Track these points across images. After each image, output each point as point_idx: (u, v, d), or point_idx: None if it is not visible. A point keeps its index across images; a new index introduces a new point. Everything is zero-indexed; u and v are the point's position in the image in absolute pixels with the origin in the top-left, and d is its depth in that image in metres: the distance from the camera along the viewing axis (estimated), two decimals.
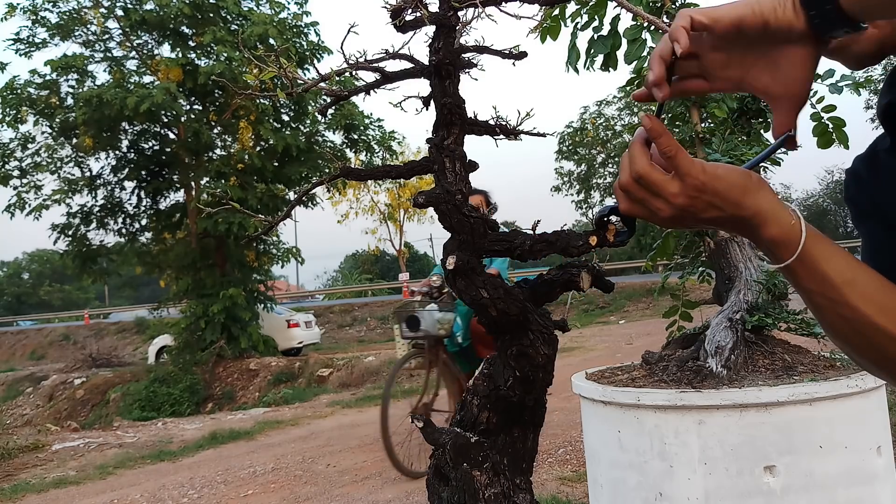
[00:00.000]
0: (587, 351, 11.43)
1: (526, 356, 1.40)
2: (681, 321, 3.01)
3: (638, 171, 0.73)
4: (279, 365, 14.78)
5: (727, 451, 2.11)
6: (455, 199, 1.37)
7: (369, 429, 7.61)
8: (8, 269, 55.51)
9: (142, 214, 16.52)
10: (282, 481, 5.65)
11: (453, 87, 1.47)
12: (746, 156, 2.69)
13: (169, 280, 16.43)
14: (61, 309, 44.60)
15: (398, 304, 4.79)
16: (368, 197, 33.93)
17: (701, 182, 0.70)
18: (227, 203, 1.68)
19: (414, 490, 4.84)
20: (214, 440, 7.84)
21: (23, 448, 7.85)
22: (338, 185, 18.23)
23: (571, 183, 31.94)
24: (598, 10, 2.74)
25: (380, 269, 44.01)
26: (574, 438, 5.61)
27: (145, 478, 6.38)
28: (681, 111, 2.95)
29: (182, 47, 15.07)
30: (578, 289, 1.41)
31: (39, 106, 14.52)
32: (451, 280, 1.38)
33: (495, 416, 1.47)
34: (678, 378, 2.44)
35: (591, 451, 2.58)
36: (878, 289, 0.65)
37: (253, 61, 1.46)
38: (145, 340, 21.16)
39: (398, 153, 17.25)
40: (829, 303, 0.66)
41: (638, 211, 0.77)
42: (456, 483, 1.42)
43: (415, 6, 1.43)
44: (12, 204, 15.25)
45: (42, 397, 16.15)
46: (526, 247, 1.35)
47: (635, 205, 0.76)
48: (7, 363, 27.66)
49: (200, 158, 15.57)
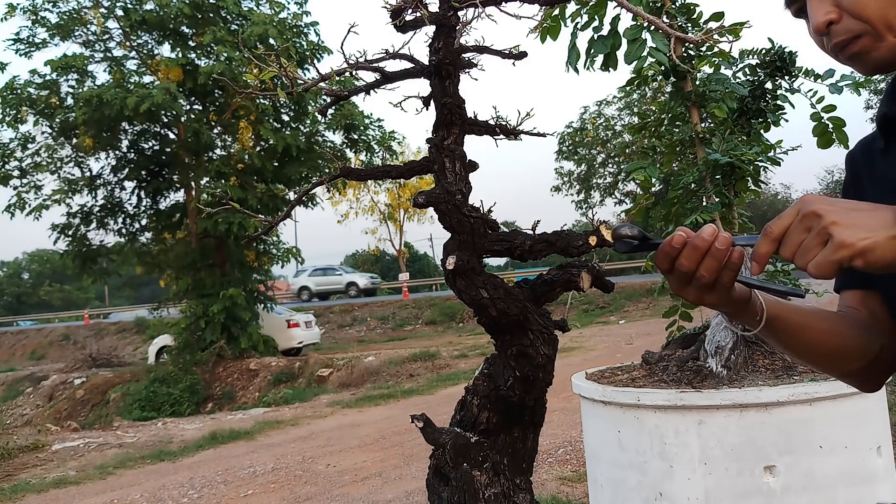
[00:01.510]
0: (587, 351, 11.43)
1: (526, 356, 1.40)
2: (681, 321, 3.01)
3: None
4: (279, 365, 14.79)
5: (727, 451, 2.11)
6: (455, 199, 1.37)
7: (369, 429, 7.61)
8: (8, 269, 55.48)
9: (142, 214, 16.52)
10: (282, 481, 5.65)
11: (453, 87, 1.47)
12: (746, 155, 2.69)
13: (169, 280, 16.43)
14: (61, 309, 44.56)
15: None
16: (368, 197, 33.97)
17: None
18: (227, 203, 1.68)
19: (414, 490, 4.84)
20: (214, 440, 7.84)
21: (23, 448, 7.85)
22: (338, 185, 18.22)
23: (571, 183, 31.92)
24: (598, 10, 2.74)
25: (380, 269, 43.98)
26: (574, 438, 5.61)
27: (145, 478, 6.38)
28: (681, 111, 2.95)
29: (182, 47, 15.07)
30: (578, 289, 1.41)
31: (39, 106, 14.51)
32: (451, 280, 1.38)
33: (495, 416, 1.47)
34: (678, 378, 2.44)
35: (591, 451, 2.58)
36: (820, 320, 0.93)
37: (253, 61, 1.46)
38: (145, 340, 21.14)
39: (398, 153, 17.24)
40: (788, 343, 0.94)
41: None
42: (456, 483, 1.42)
43: (415, 6, 1.43)
44: (12, 204, 15.24)
45: (42, 397, 16.15)
46: (526, 247, 1.35)
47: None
48: (7, 363, 27.64)
49: (200, 158, 15.57)
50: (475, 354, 13.18)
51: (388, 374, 12.77)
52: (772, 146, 2.91)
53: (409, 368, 12.81)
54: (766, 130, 2.96)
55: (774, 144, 2.92)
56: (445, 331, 20.76)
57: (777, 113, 2.91)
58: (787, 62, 2.84)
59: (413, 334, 20.98)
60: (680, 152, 3.01)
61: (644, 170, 2.78)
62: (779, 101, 2.89)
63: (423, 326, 22.14)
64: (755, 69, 2.92)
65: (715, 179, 2.81)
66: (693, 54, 2.86)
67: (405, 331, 21.87)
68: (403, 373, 12.63)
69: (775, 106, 2.90)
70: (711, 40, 1.40)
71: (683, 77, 2.84)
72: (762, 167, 2.84)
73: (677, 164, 3.07)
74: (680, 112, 2.96)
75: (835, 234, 0.67)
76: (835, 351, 0.93)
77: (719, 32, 1.38)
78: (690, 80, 2.83)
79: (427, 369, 12.50)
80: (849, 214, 0.68)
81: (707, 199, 2.77)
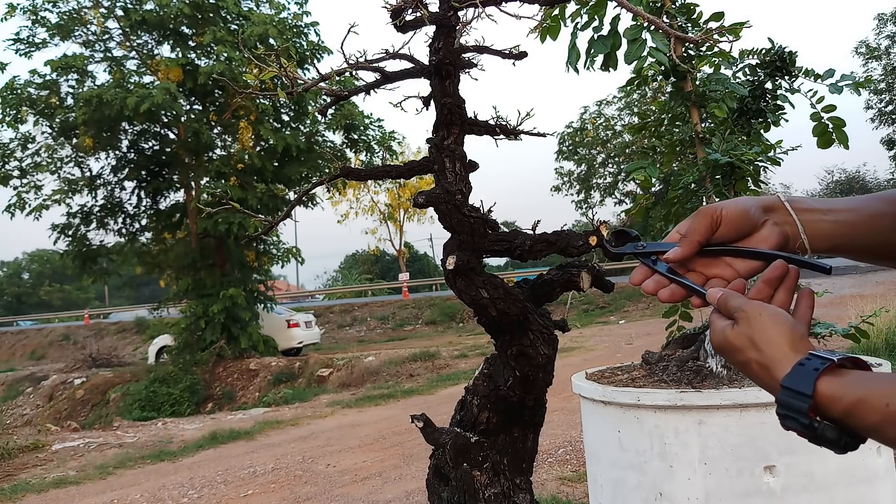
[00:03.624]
0: (587, 351, 11.43)
1: (526, 356, 1.40)
2: (681, 321, 3.01)
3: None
4: (279, 365, 14.79)
5: (727, 450, 2.11)
6: (455, 199, 1.37)
7: (369, 429, 7.61)
8: (8, 269, 55.48)
9: (142, 214, 16.53)
10: (282, 481, 5.65)
11: (453, 87, 1.47)
12: (746, 155, 2.69)
13: (169, 280, 16.44)
14: (61, 309, 44.56)
15: None
16: (368, 197, 33.98)
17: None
18: (227, 203, 1.68)
19: (414, 490, 4.84)
20: (214, 440, 7.84)
21: (23, 448, 7.85)
22: (338, 185, 18.23)
23: (571, 183, 31.92)
24: (598, 10, 2.74)
25: (380, 269, 43.99)
26: (574, 438, 5.61)
27: (145, 478, 6.38)
28: (681, 111, 2.95)
29: (182, 47, 15.07)
30: (578, 289, 1.41)
31: (39, 106, 14.52)
32: (451, 280, 1.38)
33: (495, 416, 1.47)
34: (678, 378, 2.44)
35: (591, 451, 2.58)
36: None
37: (253, 61, 1.46)
38: (145, 340, 21.15)
39: (398, 153, 17.25)
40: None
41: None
42: (456, 483, 1.43)
43: (415, 6, 1.43)
44: (12, 204, 15.25)
45: (42, 397, 16.15)
46: (526, 247, 1.35)
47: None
48: (7, 363, 27.65)
49: (200, 158, 15.58)
50: (475, 354, 13.19)
51: (388, 374, 12.78)
52: (772, 146, 2.91)
53: (409, 368, 12.82)
54: (766, 130, 2.95)
55: (774, 144, 2.92)
56: (445, 331, 20.77)
57: (777, 113, 2.91)
58: (787, 62, 2.84)
59: (413, 334, 20.99)
60: (680, 152, 3.01)
61: (644, 170, 2.78)
62: (779, 101, 2.89)
63: (423, 326, 22.15)
64: (755, 69, 2.92)
65: (715, 179, 2.81)
66: (693, 54, 2.86)
67: (405, 331, 21.88)
68: (403, 373, 12.63)
69: (775, 106, 2.90)
70: (711, 40, 1.40)
71: (683, 77, 2.84)
72: (762, 167, 2.84)
73: (677, 164, 3.07)
74: (680, 112, 2.95)
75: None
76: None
77: (719, 32, 1.38)
78: (690, 80, 2.83)
79: (427, 369, 12.50)
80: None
81: (707, 199, 2.77)
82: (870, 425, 0.61)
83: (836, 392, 0.62)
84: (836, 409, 0.62)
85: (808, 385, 0.63)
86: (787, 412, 0.65)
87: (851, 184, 34.19)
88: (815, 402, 0.63)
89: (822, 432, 0.63)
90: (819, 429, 0.63)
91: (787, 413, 0.65)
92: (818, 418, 0.63)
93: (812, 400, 0.63)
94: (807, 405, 0.63)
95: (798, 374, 0.64)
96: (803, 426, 0.64)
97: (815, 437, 0.64)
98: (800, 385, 0.64)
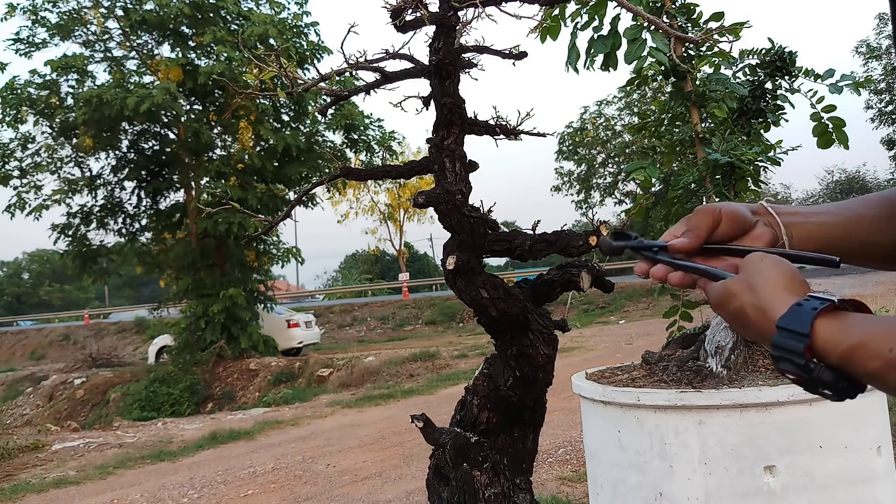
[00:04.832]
0: (587, 351, 11.43)
1: (526, 356, 1.40)
2: (681, 321, 3.01)
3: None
4: (279, 365, 14.79)
5: (727, 451, 2.11)
6: (455, 199, 1.37)
7: (369, 429, 7.61)
8: (8, 269, 55.47)
9: (142, 214, 16.53)
10: (282, 481, 5.65)
11: (453, 87, 1.47)
12: (746, 155, 2.69)
13: (169, 280, 16.43)
14: (61, 309, 44.56)
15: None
16: (368, 197, 33.98)
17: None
18: (227, 203, 1.68)
19: (414, 490, 4.84)
20: (214, 440, 7.84)
21: (23, 448, 7.85)
22: (338, 185, 18.23)
23: (571, 183, 31.92)
24: (598, 10, 2.74)
25: (380, 269, 43.99)
26: (574, 438, 5.61)
27: (145, 478, 6.38)
28: (681, 111, 2.95)
29: (182, 47, 15.07)
30: (578, 289, 1.41)
31: (39, 106, 14.52)
32: (451, 280, 1.38)
33: (495, 416, 1.47)
34: (678, 378, 2.44)
35: (591, 451, 2.58)
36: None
37: (253, 61, 1.46)
38: (145, 340, 21.16)
39: (398, 153, 17.25)
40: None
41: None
42: (456, 483, 1.42)
43: (415, 6, 1.43)
44: (12, 204, 15.25)
45: (42, 397, 16.15)
46: (526, 247, 1.35)
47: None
48: (7, 363, 27.65)
49: (200, 158, 15.58)
50: (475, 354, 13.19)
51: (388, 374, 12.78)
52: (772, 146, 2.91)
53: (409, 368, 12.81)
54: (766, 130, 2.96)
55: (774, 144, 2.92)
56: (445, 331, 20.76)
57: (777, 113, 2.91)
58: (787, 62, 2.84)
59: (413, 334, 20.99)
60: (680, 152, 3.01)
61: (644, 170, 2.78)
62: (779, 101, 2.89)
63: (423, 326, 22.15)
64: (755, 69, 2.92)
65: (715, 179, 2.81)
66: (693, 54, 2.86)
67: (405, 331, 21.88)
68: (403, 373, 12.63)
69: (775, 106, 2.90)
70: (711, 40, 1.40)
71: (683, 77, 2.84)
72: (762, 167, 2.84)
73: (677, 164, 3.07)
74: (680, 112, 2.96)
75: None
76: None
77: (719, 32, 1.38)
78: (690, 80, 2.83)
79: (427, 369, 12.50)
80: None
81: (707, 199, 2.77)
82: (870, 371, 0.58)
83: (836, 335, 0.59)
84: (834, 354, 0.59)
85: (805, 325, 0.60)
86: (781, 353, 0.61)
87: (851, 184, 34.16)
88: (812, 345, 0.59)
89: (818, 374, 0.59)
90: (815, 370, 0.60)
91: (781, 355, 0.61)
92: (814, 360, 0.60)
93: (809, 340, 0.59)
94: (803, 345, 0.59)
95: (795, 314, 0.61)
96: (798, 367, 0.60)
97: (811, 381, 0.60)
98: (796, 325, 0.60)
